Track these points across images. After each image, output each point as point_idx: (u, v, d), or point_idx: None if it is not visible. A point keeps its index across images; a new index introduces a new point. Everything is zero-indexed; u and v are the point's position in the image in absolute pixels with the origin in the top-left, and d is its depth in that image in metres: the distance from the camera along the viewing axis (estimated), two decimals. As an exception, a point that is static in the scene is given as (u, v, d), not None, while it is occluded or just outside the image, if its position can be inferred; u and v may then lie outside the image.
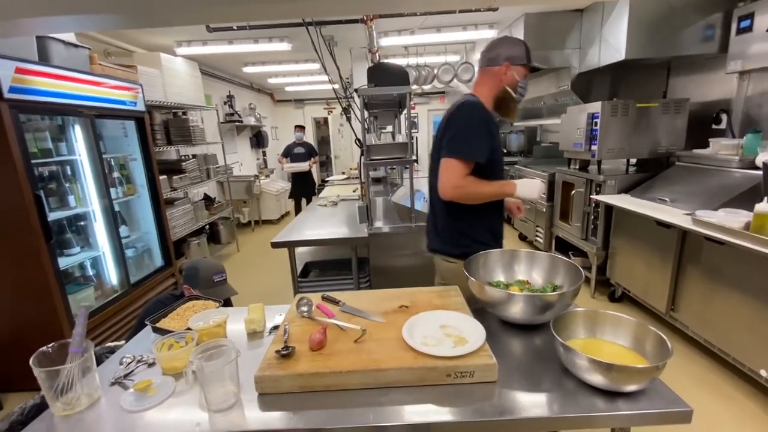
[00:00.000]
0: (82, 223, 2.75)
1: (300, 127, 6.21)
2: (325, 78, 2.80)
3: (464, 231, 1.51)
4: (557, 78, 3.99)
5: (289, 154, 6.05)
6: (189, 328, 1.13)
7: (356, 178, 5.16)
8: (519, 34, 3.78)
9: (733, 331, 2.08)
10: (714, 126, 3.05)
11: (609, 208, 3.03)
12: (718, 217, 2.06)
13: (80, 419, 0.88)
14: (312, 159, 6.10)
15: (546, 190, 3.94)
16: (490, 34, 4.14)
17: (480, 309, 1.18)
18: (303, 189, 6.10)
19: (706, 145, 2.84)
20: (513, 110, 1.54)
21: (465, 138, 1.39)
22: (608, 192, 3.07)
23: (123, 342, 1.26)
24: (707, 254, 2.22)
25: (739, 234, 1.89)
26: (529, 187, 1.43)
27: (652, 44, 2.98)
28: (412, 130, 2.44)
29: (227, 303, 1.66)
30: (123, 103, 2.90)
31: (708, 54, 2.99)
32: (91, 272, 2.84)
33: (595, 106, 3.06)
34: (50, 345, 0.94)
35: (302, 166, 5.95)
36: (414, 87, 4.11)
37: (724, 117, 2.95)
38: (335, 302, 1.24)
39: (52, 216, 2.34)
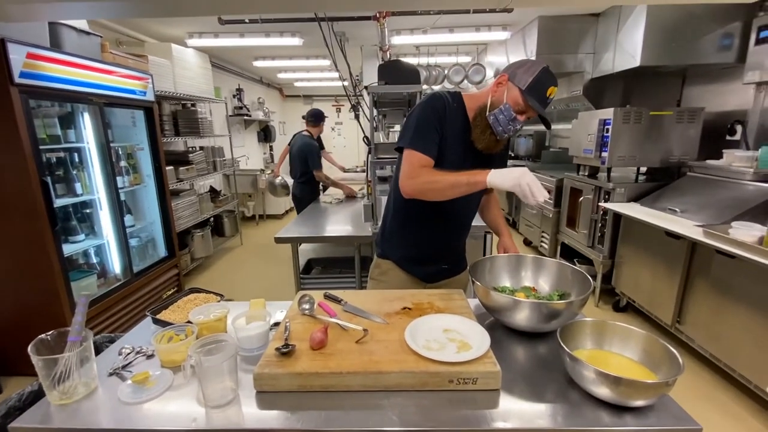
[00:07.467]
0: (88, 210, 2.76)
1: None
2: (335, 74, 2.78)
3: (394, 230, 1.46)
4: (569, 83, 3.94)
5: None
6: (189, 321, 1.12)
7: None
8: (532, 37, 3.74)
9: (741, 347, 2.04)
10: (728, 137, 3.00)
11: (617, 217, 2.99)
12: (730, 230, 2.02)
13: (76, 409, 0.87)
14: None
15: (551, 195, 3.90)
16: (503, 35, 4.10)
17: (484, 314, 1.16)
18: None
19: (719, 157, 2.79)
20: (484, 136, 1.24)
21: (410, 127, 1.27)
22: (617, 200, 3.04)
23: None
24: (717, 267, 2.18)
25: (753, 249, 1.85)
26: (503, 175, 1.09)
27: (668, 51, 2.93)
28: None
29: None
30: (133, 92, 2.90)
31: (725, 63, 2.94)
32: (94, 260, 2.85)
33: (608, 113, 3.02)
34: (49, 333, 0.93)
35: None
36: (424, 87, 4.09)
37: (739, 128, 2.90)
38: (337, 301, 1.22)
39: (59, 202, 2.35)
